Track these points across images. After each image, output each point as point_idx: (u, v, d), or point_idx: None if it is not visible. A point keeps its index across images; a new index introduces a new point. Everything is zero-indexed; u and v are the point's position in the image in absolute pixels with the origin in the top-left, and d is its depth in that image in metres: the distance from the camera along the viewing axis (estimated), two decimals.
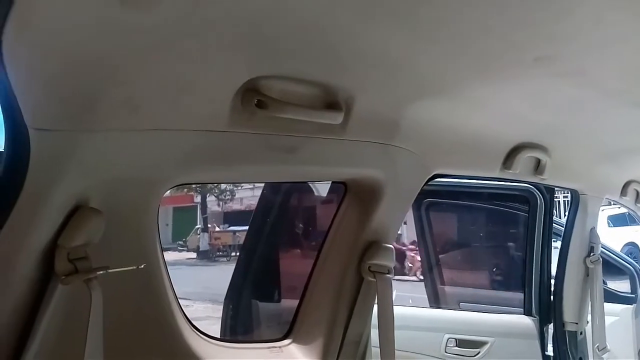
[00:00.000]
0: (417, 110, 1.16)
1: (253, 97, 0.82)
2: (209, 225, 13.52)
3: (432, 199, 2.38)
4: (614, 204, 2.16)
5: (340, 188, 1.26)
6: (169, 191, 1.02)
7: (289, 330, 1.27)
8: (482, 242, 2.40)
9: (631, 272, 2.81)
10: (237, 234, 10.93)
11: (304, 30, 0.75)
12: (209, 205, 14.56)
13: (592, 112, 1.34)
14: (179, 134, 0.82)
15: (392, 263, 1.26)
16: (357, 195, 1.24)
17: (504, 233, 2.32)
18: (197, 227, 13.69)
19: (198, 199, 14.23)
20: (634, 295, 2.79)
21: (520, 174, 1.58)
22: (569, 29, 0.83)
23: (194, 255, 12.22)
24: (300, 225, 1.92)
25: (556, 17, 0.78)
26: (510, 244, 2.33)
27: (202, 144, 0.86)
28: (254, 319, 1.98)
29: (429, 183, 1.35)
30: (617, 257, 2.80)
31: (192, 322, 1.04)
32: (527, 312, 2.16)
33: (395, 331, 1.23)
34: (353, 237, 1.24)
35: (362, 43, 0.80)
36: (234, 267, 2.04)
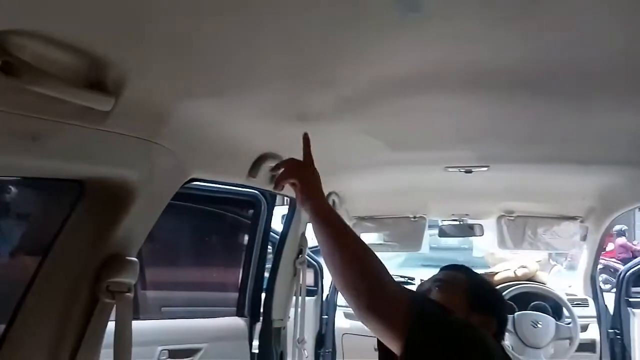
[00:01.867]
0: (187, 107, 1.05)
1: None
2: None
3: None
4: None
5: None
6: None
7: None
8: (203, 245, 2.36)
9: (315, 268, 3.28)
10: None
11: None
12: None
13: (321, 131, 1.48)
14: None
15: (134, 279, 1.08)
16: (99, 199, 1.02)
17: (227, 236, 2.35)
18: None
19: None
20: (315, 288, 3.28)
21: (260, 182, 1.63)
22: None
23: None
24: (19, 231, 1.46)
25: None
26: (233, 246, 2.38)
27: None
28: None
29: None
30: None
31: None
32: (240, 314, 2.23)
33: (103, 350, 1.06)
34: (88, 249, 1.01)
35: (148, 11, 0.64)
36: None
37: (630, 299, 2.90)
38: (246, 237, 2.24)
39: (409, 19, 0.72)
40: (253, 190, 2.12)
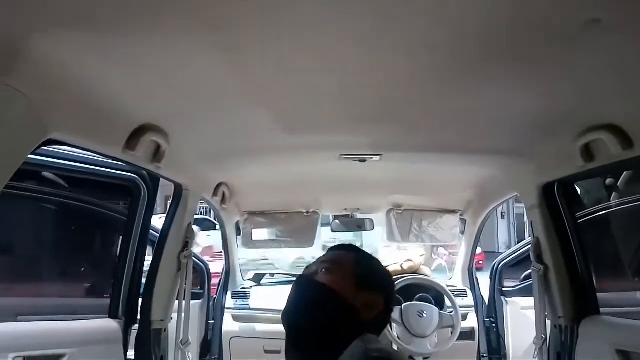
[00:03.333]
0: (48, 43, 0.87)
1: None
2: None
3: None
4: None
5: None
6: None
7: None
8: (68, 239, 2.04)
9: (201, 270, 3.07)
10: None
11: None
12: None
13: (212, 103, 1.36)
14: None
15: None
16: None
17: (98, 229, 2.05)
18: None
19: None
20: (202, 291, 3.06)
21: (141, 159, 1.45)
22: None
23: None
24: None
25: None
26: (105, 240, 2.09)
27: None
28: None
29: None
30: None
31: None
32: (113, 315, 1.97)
33: None
34: None
35: None
36: None
37: (503, 289, 3.12)
38: (121, 230, 1.97)
39: None
40: (131, 174, 1.88)
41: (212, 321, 3.11)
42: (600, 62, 1.05)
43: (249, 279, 3.46)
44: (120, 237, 1.97)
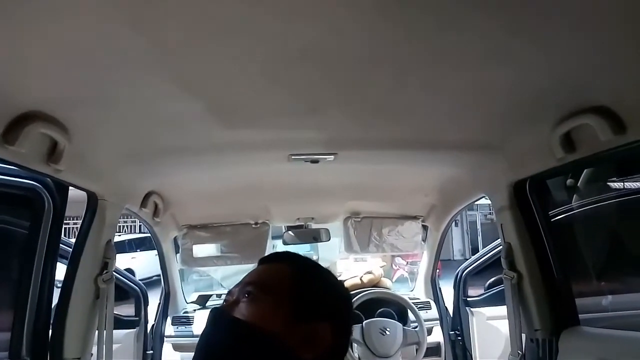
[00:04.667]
0: None
1: None
2: None
3: None
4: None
5: None
6: None
7: None
8: None
9: (137, 294, 2.71)
10: None
11: None
12: None
13: (126, 87, 1.08)
14: None
15: None
16: None
17: None
18: None
19: None
20: (137, 319, 2.70)
21: (27, 157, 1.13)
22: None
23: None
24: None
25: None
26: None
27: None
28: None
29: None
30: (123, 278, 2.63)
31: None
32: (15, 355, 1.59)
33: None
34: None
35: None
36: None
37: (468, 299, 2.94)
38: (21, 251, 1.60)
39: None
40: (30, 182, 1.53)
41: (151, 351, 2.75)
42: (582, 32, 0.88)
43: (192, 302, 3.11)
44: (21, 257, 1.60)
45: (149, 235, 2.72)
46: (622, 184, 1.85)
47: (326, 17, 0.83)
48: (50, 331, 1.65)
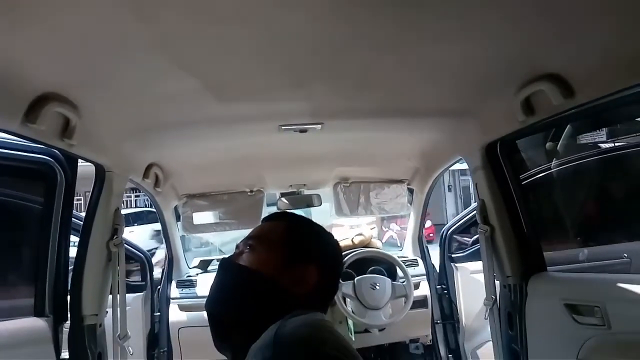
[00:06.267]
0: None
1: None
2: None
3: None
4: None
5: None
6: None
7: None
8: None
9: (142, 261, 2.89)
10: None
11: None
12: None
13: (129, 69, 1.21)
14: None
15: None
16: None
17: (6, 222, 1.81)
18: None
19: None
20: (144, 283, 2.88)
21: (46, 134, 1.27)
22: None
23: None
24: None
25: None
26: (18, 234, 1.85)
27: None
28: None
29: None
30: (129, 247, 2.79)
31: None
32: (39, 313, 1.77)
33: None
34: None
35: None
36: None
37: (453, 255, 3.14)
38: (38, 221, 1.76)
39: None
40: (42, 157, 1.68)
41: (158, 313, 2.95)
42: (535, 7, 1.01)
43: (194, 267, 3.30)
44: (37, 229, 1.75)
45: (145, 209, 2.86)
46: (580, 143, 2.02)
47: (308, 5, 0.96)
48: (69, 292, 1.83)
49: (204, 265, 3.29)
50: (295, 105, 1.65)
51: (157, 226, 3.25)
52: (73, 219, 1.86)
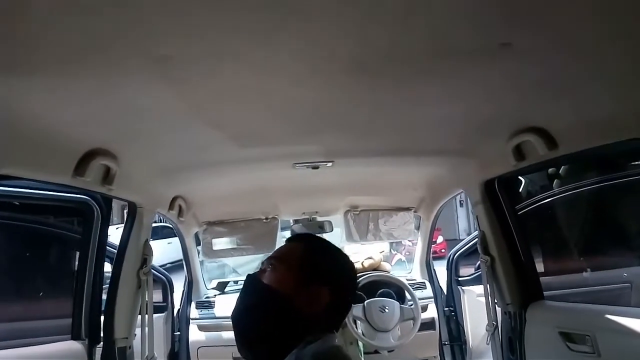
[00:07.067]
0: None
1: None
2: None
3: None
4: None
5: None
6: None
7: None
8: (20, 266, 2.00)
9: (163, 283, 3.06)
10: None
11: None
12: None
13: (162, 125, 1.38)
14: None
15: None
16: None
17: (52, 252, 2.03)
18: None
19: None
20: (165, 304, 3.05)
21: (91, 183, 1.46)
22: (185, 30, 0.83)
23: None
24: None
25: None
26: (60, 263, 2.06)
27: None
28: None
29: None
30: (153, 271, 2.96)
31: None
32: (76, 337, 1.95)
33: None
34: None
35: None
36: None
37: (460, 279, 3.26)
38: (77, 252, 1.95)
39: None
40: (82, 196, 1.87)
41: (178, 332, 3.11)
42: (519, 74, 1.14)
43: (212, 288, 3.47)
44: (77, 256, 1.95)
45: (160, 224, 3.02)
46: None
47: (319, 77, 1.09)
48: (102, 316, 2.01)
49: (221, 287, 3.46)
50: (309, 147, 1.81)
51: (170, 239, 3.39)
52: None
